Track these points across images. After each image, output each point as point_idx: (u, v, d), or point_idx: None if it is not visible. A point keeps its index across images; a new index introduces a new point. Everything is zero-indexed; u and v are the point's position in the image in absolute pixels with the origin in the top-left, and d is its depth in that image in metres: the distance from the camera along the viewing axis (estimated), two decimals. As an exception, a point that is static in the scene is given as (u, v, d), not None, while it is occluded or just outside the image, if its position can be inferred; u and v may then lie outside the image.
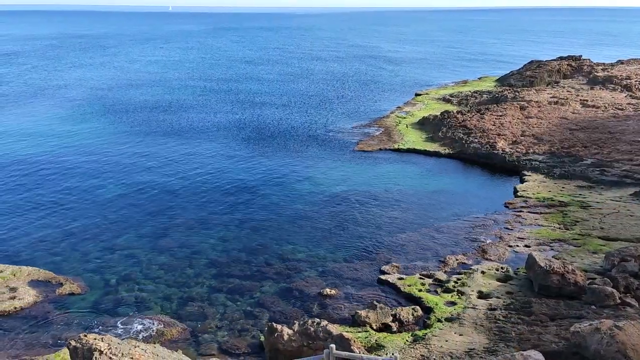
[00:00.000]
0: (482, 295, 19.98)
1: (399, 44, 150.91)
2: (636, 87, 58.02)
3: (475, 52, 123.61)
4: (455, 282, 21.04)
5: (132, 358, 12.51)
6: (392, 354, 15.65)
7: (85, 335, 13.40)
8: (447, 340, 17.05)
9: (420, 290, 20.60)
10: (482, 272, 21.73)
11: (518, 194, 31.24)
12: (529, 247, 24.20)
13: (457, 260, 23.23)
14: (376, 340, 17.20)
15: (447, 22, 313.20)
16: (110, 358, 12.34)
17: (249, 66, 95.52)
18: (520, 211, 28.66)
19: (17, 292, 20.45)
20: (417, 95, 64.09)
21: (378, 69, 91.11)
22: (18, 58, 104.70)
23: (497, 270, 21.95)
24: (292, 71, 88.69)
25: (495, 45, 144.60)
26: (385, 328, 18.24)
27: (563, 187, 31.88)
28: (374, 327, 18.19)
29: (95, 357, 12.48)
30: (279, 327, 16.47)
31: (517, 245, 24.48)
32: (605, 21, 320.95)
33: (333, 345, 13.30)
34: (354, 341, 15.71)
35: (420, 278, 21.62)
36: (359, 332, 17.83)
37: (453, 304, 19.52)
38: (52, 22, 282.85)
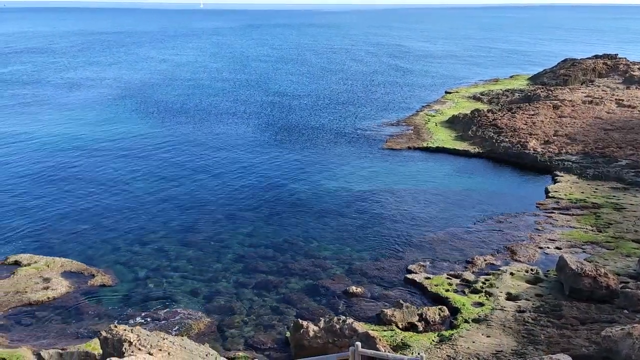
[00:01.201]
0: (510, 297, 19.68)
1: (429, 41, 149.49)
2: (675, 86, 56.29)
3: (507, 50, 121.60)
4: (483, 283, 20.77)
5: (160, 350, 12.71)
6: (418, 354, 15.55)
7: (116, 326, 13.68)
8: (474, 342, 16.86)
9: (447, 291, 20.40)
10: (511, 274, 21.41)
11: (550, 194, 30.66)
12: (560, 249, 23.73)
13: (485, 260, 22.93)
14: (402, 340, 17.12)
15: (477, 19, 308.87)
16: (139, 349, 12.57)
17: (276, 63, 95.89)
18: (552, 212, 28.12)
19: (50, 283, 20.99)
20: (447, 93, 63.41)
21: (407, 67, 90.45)
22: (54, 54, 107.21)
23: (527, 271, 21.60)
24: (320, 68, 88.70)
25: (528, 43, 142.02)
26: (411, 327, 18.14)
27: (596, 189, 31.16)
28: (400, 326, 18.11)
29: (125, 348, 12.73)
30: (304, 323, 16.53)
31: (548, 247, 24.03)
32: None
33: (359, 343, 13.27)
34: (380, 339, 15.67)
35: (448, 278, 21.41)
36: (385, 330, 17.77)
37: (481, 305, 19.28)
38: (85, 19, 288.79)
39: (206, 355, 13.90)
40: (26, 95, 61.53)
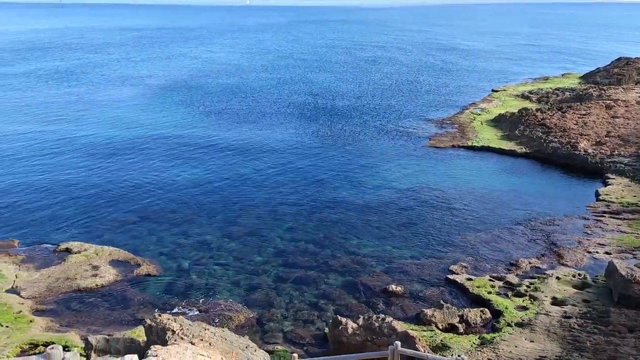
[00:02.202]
0: (556, 302, 19.15)
1: (476, 37, 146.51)
2: None
3: (558, 47, 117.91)
4: (528, 287, 20.28)
5: (202, 340, 12.97)
6: (459, 356, 15.32)
7: (160, 315, 14.04)
8: (516, 346, 16.49)
9: (489, 293, 20.02)
10: (557, 278, 20.81)
11: (600, 197, 29.62)
12: (610, 254, 22.91)
13: (530, 263, 22.38)
14: (442, 340, 16.91)
15: (528, 16, 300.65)
16: (182, 338, 12.85)
17: (320, 59, 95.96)
18: (602, 216, 27.17)
19: (98, 270, 21.74)
20: (493, 91, 62.05)
21: (453, 64, 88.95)
22: (108, 49, 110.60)
23: (574, 276, 20.95)
24: (364, 64, 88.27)
25: (580, 41, 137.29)
26: (451, 329, 17.89)
27: (650, 193, 29.90)
28: (440, 327, 17.89)
29: (168, 337, 13.04)
30: (343, 320, 16.54)
31: (597, 252, 23.24)
32: None
33: (398, 342, 13.17)
34: (419, 339, 15.52)
35: (490, 280, 21.01)
36: (424, 330, 17.60)
37: (524, 308, 18.84)
38: (137, 15, 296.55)
39: (246, 347, 14.09)
40: (80, 90, 63.72)
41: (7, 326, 17.82)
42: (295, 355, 13.53)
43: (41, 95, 59.76)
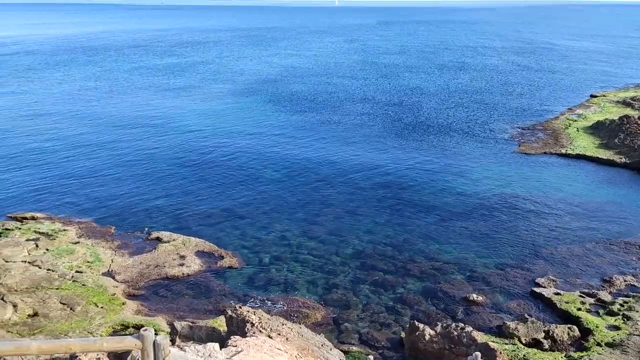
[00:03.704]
0: (653, 325, 17.76)
1: (576, 39, 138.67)
2: None
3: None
4: (622, 305, 18.97)
5: (279, 334, 13.23)
6: (541, 373, 14.60)
7: (240, 307, 14.48)
8: (606, 368, 15.47)
9: (579, 309, 18.92)
10: (656, 299, 19.29)
11: None
12: None
13: (625, 281, 20.91)
14: (524, 355, 16.20)
15: (633, 17, 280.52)
16: (260, 331, 13.18)
17: (407, 59, 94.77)
18: None
19: (185, 260, 22.78)
20: (592, 96, 58.48)
21: (549, 66, 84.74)
22: (201, 48, 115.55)
23: (676, 298, 19.33)
24: (453, 65, 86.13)
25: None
26: (535, 344, 17.09)
27: None
28: (523, 342, 17.14)
29: (247, 328, 13.43)
30: (421, 326, 16.26)
31: None
32: None
33: (478, 353, 12.75)
34: (500, 352, 14.95)
35: (581, 296, 19.84)
36: (506, 344, 16.93)
37: (616, 328, 17.63)
38: (228, 16, 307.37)
39: (321, 345, 14.22)
40: (177, 87, 67.07)
41: (101, 307, 19.12)
42: (371, 357, 13.50)
43: (142, 94, 63.46)
